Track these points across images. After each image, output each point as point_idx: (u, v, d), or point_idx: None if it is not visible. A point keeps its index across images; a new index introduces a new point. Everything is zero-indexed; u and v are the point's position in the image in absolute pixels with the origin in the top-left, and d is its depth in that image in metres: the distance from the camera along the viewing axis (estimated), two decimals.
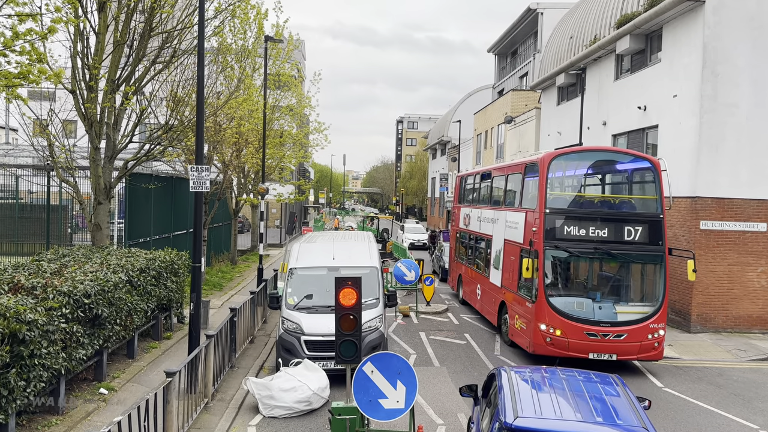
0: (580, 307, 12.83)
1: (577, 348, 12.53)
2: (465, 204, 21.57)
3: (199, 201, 10.91)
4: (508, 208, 15.76)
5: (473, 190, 20.81)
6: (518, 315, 14.01)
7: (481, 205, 19.07)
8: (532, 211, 13.52)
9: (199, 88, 10.92)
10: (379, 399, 7.12)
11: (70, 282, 9.26)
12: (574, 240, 12.81)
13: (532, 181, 14.10)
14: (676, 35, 18.49)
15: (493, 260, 16.52)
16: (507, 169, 17.04)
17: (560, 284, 13.41)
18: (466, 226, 20.53)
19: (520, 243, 14.00)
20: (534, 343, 12.97)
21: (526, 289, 13.55)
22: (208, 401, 9.98)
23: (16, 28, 6.74)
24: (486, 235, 17.61)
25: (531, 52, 39.33)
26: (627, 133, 21.22)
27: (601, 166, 15.09)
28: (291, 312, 12.08)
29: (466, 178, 22.40)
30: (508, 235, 15.18)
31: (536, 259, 12.65)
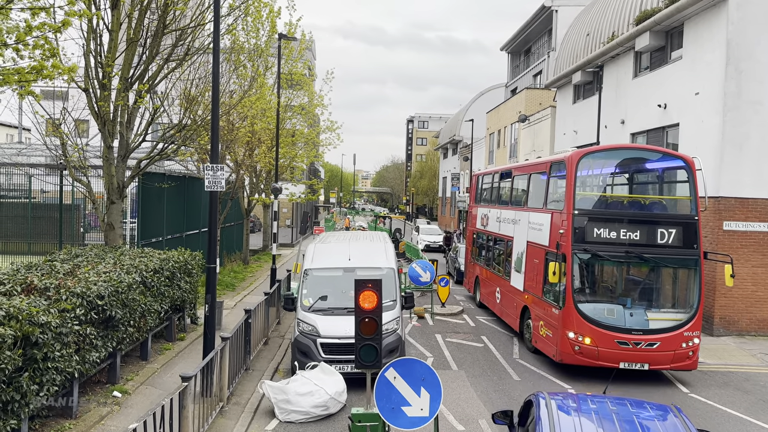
0: (611, 314, 12.19)
1: (608, 357, 11.90)
2: (482, 204, 20.92)
3: (214, 200, 10.71)
4: (531, 209, 15.14)
5: (491, 190, 20.12)
6: (543, 321, 13.40)
7: (501, 205, 18.43)
8: (558, 213, 12.91)
9: (215, 86, 10.72)
10: (402, 406, 6.85)
11: (83, 283, 9.08)
12: (605, 243, 12.14)
13: (559, 181, 13.54)
14: (698, 31, 18.08)
15: (514, 263, 15.93)
16: (530, 168, 16.42)
17: (589, 289, 12.76)
18: (484, 227, 19.90)
19: (545, 245, 13.43)
20: (561, 352, 12.34)
21: (552, 294, 12.96)
22: (223, 405, 9.76)
23: (29, 21, 6.56)
24: (506, 236, 17.01)
25: (545, 50, 38.90)
26: (646, 131, 20.82)
27: (631, 164, 14.46)
28: (306, 314, 11.85)
29: (483, 178, 21.70)
30: (532, 236, 14.61)
31: (564, 262, 12.06)
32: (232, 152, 22.67)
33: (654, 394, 11.53)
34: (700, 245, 12.32)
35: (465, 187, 52.58)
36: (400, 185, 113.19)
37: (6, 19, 7.32)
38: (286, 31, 24.31)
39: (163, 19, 13.80)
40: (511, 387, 11.73)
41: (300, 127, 30.24)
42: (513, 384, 11.92)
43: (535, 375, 12.60)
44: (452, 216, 61.82)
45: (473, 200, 22.37)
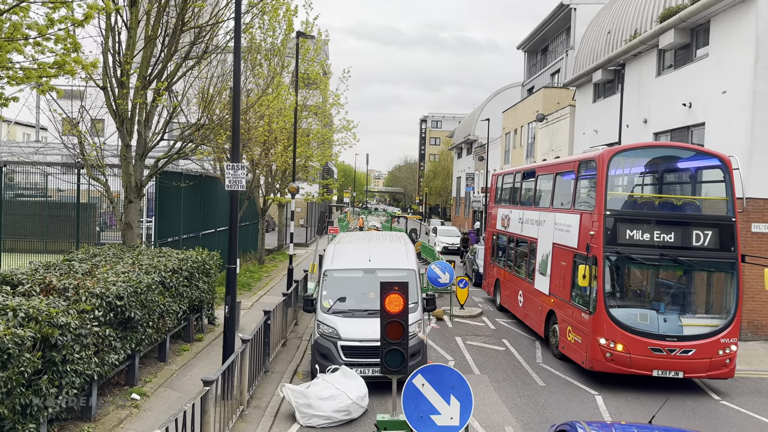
0: (644, 320, 11.71)
1: (640, 364, 11.47)
2: (502, 204, 20.39)
3: (235, 200, 10.51)
4: (557, 210, 14.63)
5: (512, 190, 19.55)
6: (571, 326, 12.93)
7: (523, 205, 17.90)
8: (588, 213, 12.45)
9: (236, 84, 10.54)
10: (431, 415, 6.59)
11: (102, 283, 8.92)
12: (638, 245, 11.66)
13: (588, 181, 13.14)
14: (725, 28, 17.63)
15: (538, 265, 15.47)
16: (556, 167, 15.85)
17: (621, 294, 12.29)
18: (505, 228, 19.39)
19: (574, 248, 13.01)
20: (591, 359, 11.86)
21: (581, 298, 12.51)
22: (243, 409, 9.57)
23: (50, 15, 6.40)
24: (529, 237, 16.55)
25: (563, 49, 38.44)
26: (670, 131, 20.38)
27: (665, 163, 13.93)
28: (326, 316, 11.63)
29: (503, 178, 21.14)
30: (558, 238, 14.15)
31: (595, 265, 11.65)
32: (248, 152, 22.53)
33: (686, 403, 11.19)
34: (737, 248, 11.85)
35: (480, 187, 52.19)
36: (412, 185, 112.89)
37: (26, 16, 7.17)
38: (302, 30, 24.14)
39: (182, 16, 13.64)
40: (536, 393, 11.43)
41: (315, 126, 30.09)
42: (538, 390, 11.62)
43: (561, 381, 12.28)
44: (466, 216, 61.44)
45: (492, 201, 21.88)
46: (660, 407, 9.10)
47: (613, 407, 10.79)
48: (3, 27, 6.51)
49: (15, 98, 8.01)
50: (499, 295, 19.74)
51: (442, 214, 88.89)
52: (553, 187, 15.29)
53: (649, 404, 10.99)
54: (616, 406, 10.84)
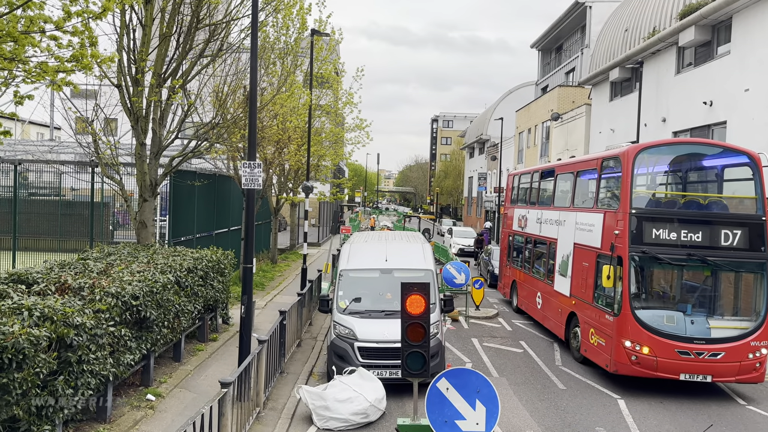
0: (671, 322, 11.33)
1: (667, 368, 11.09)
2: (519, 205, 19.95)
3: (251, 199, 10.36)
4: (578, 209, 14.23)
5: (530, 190, 19.08)
6: (594, 329, 12.52)
7: (542, 205, 17.43)
8: (612, 213, 12.06)
9: (252, 81, 10.38)
10: (456, 420, 6.39)
11: (117, 283, 8.80)
12: (664, 245, 11.27)
13: (612, 179, 12.80)
14: (747, 25, 17.30)
15: (558, 266, 15.05)
16: (577, 165, 15.36)
17: (647, 295, 11.87)
18: (522, 229, 18.96)
19: (597, 248, 12.61)
20: (616, 362, 11.48)
21: (605, 299, 12.12)
22: (259, 411, 9.41)
23: (68, 7, 6.27)
24: (548, 238, 16.13)
25: (578, 47, 38.06)
26: (690, 129, 20.05)
27: (691, 160, 13.52)
28: (343, 316, 11.46)
29: (520, 177, 20.68)
30: (579, 238, 13.75)
31: (620, 266, 11.31)
32: (261, 151, 22.42)
33: (710, 407, 10.91)
34: (767, 248, 11.42)
35: (492, 187, 51.87)
36: (423, 185, 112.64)
37: (42, 9, 7.06)
38: (316, 28, 23.98)
39: (197, 13, 13.53)
40: (556, 396, 11.19)
41: (328, 126, 29.94)
42: (558, 393, 11.38)
43: (582, 384, 12.02)
44: (478, 216, 61.11)
45: (508, 201, 21.39)
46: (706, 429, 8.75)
47: (636, 411, 10.53)
48: (19, 20, 6.39)
49: (30, 96, 7.91)
50: (516, 297, 19.38)
51: (453, 214, 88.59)
52: (573, 186, 14.89)
53: (673, 409, 10.73)
54: (640, 411, 10.58)
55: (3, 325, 6.34)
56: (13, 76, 7.41)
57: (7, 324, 6.40)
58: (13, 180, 16.34)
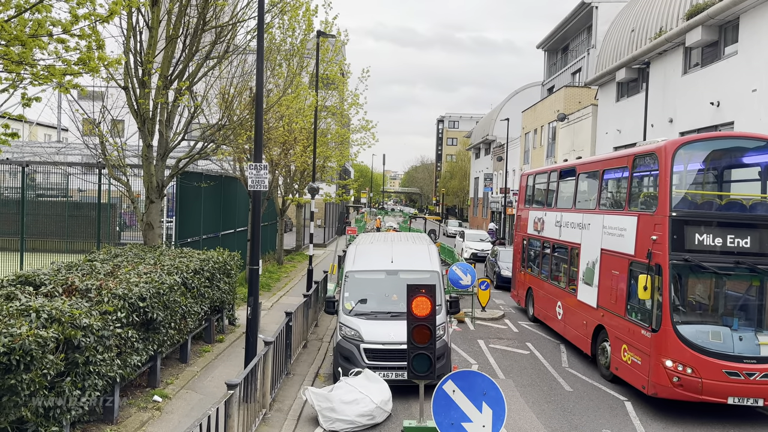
0: (717, 338, 10.14)
1: (714, 391, 9.89)
2: (535, 206, 18.68)
3: (257, 200, 10.38)
4: (606, 211, 13.05)
5: (547, 190, 17.67)
6: (627, 345, 11.35)
7: (561, 207, 16.10)
8: (648, 215, 10.89)
9: (258, 83, 10.40)
10: (463, 422, 6.38)
11: (125, 284, 8.83)
12: (708, 252, 10.15)
13: (647, 178, 11.74)
14: (755, 25, 17.20)
15: (582, 274, 13.88)
16: (603, 163, 13.97)
17: (690, 308, 10.63)
18: (538, 232, 17.64)
19: (629, 255, 11.47)
20: (655, 383, 10.31)
21: (640, 312, 10.98)
22: (266, 412, 9.42)
23: (75, 11, 6.30)
24: (570, 243, 14.89)
25: (584, 48, 37.95)
26: (697, 130, 19.95)
27: (738, 156, 12.16)
28: (349, 318, 11.47)
29: (535, 177, 19.36)
30: (608, 244, 12.57)
31: (658, 276, 10.19)
32: (267, 152, 22.45)
33: (720, 411, 10.80)
34: None
35: (498, 187, 51.78)
36: (429, 186, 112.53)
37: (49, 12, 7.10)
38: (322, 29, 24.02)
39: (203, 15, 13.57)
40: (563, 398, 11.14)
41: (334, 127, 30.00)
42: (565, 395, 11.34)
43: (588, 386, 11.98)
44: (484, 217, 61.02)
45: (522, 202, 20.14)
46: None
47: (643, 413, 10.48)
48: (27, 24, 6.42)
49: (38, 98, 7.95)
50: (533, 306, 18.14)
51: (459, 214, 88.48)
52: (600, 186, 13.69)
53: (680, 410, 10.66)
54: (646, 412, 10.53)
55: (11, 327, 6.37)
56: (21, 78, 7.45)
57: (15, 326, 6.43)
58: (21, 181, 16.42)
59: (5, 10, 6.63)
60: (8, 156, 20.39)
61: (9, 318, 6.66)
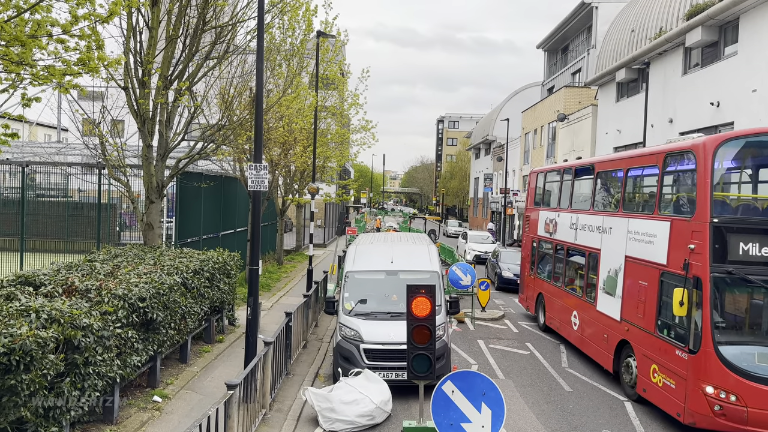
0: (765, 361, 8.95)
1: (762, 421, 8.72)
2: (546, 207, 17.49)
3: (257, 201, 10.39)
4: (631, 215, 11.83)
5: (561, 190, 16.34)
6: (659, 366, 10.13)
7: (577, 208, 14.90)
8: (684, 221, 9.71)
9: (258, 83, 10.41)
10: (462, 423, 6.38)
11: (124, 285, 8.83)
12: (756, 263, 9.01)
13: (682, 177, 10.61)
14: (755, 25, 17.20)
15: (602, 283, 12.76)
16: (627, 161, 12.71)
17: (734, 327, 9.49)
18: (550, 235, 16.49)
19: (660, 264, 10.29)
20: (692, 412, 9.18)
21: (674, 330, 9.83)
22: (266, 412, 9.42)
23: (75, 11, 6.31)
24: (587, 247, 13.75)
25: (584, 48, 37.97)
26: (697, 130, 19.92)
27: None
28: (348, 318, 11.47)
29: (546, 176, 18.11)
30: (634, 251, 11.38)
31: (697, 290, 9.06)
32: (267, 152, 22.46)
33: None
34: None
35: (498, 188, 51.80)
36: (429, 186, 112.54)
37: (49, 13, 7.10)
38: (322, 30, 24.02)
39: (203, 16, 13.57)
40: (563, 398, 11.15)
41: (334, 127, 30.02)
42: (565, 395, 11.34)
43: (588, 386, 11.98)
44: (484, 217, 61.02)
45: (531, 202, 18.91)
46: None
47: (642, 414, 10.48)
48: (26, 24, 6.43)
49: (37, 98, 7.95)
50: (544, 314, 16.91)
51: (459, 215, 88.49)
52: (623, 187, 12.50)
53: None
54: (646, 413, 10.53)
55: (11, 327, 6.37)
56: (21, 78, 7.45)
57: (15, 326, 6.44)
58: (21, 181, 16.43)
59: (5, 10, 6.64)
60: (8, 156, 20.39)
61: (9, 318, 6.66)
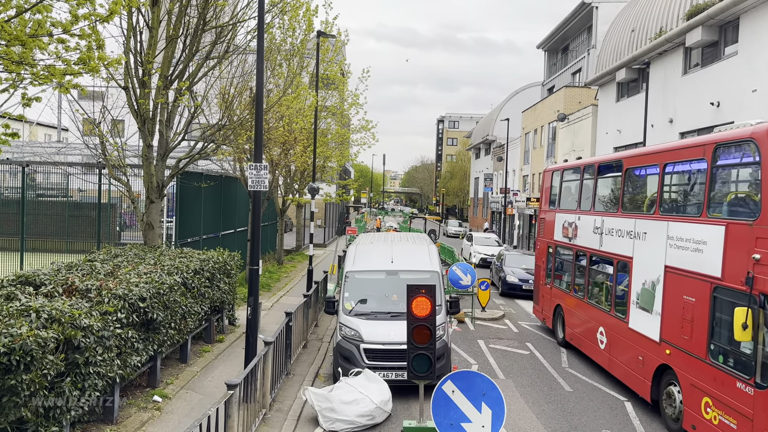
0: None
1: None
2: (564, 209, 15.65)
3: (257, 200, 10.39)
4: (672, 217, 10.15)
5: (581, 189, 14.59)
6: (712, 399, 8.51)
7: (601, 210, 13.24)
8: (744, 225, 8.11)
9: (258, 83, 10.41)
10: (462, 423, 6.38)
11: (125, 284, 8.83)
12: None
13: (738, 172, 9.15)
14: (755, 25, 17.20)
15: (636, 296, 11.10)
16: (664, 154, 10.80)
17: None
18: (569, 240, 14.77)
19: (713, 277, 8.66)
20: None
21: (734, 358, 8.20)
22: (266, 412, 9.42)
23: (75, 10, 6.31)
24: (616, 255, 12.07)
25: (584, 48, 37.97)
26: (697, 130, 19.96)
27: None
28: (349, 318, 11.47)
29: (563, 174, 16.19)
30: (677, 260, 9.74)
31: (765, 310, 7.60)
32: (267, 152, 22.47)
33: None
34: None
35: (498, 187, 51.80)
36: (429, 186, 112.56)
37: (48, 14, 7.11)
38: (322, 30, 24.02)
39: (203, 15, 13.58)
40: (563, 398, 11.15)
41: (334, 127, 30.04)
42: (565, 395, 11.34)
43: (588, 386, 11.98)
44: (484, 217, 61.02)
45: (546, 203, 17.10)
46: None
47: (642, 413, 10.48)
48: (27, 24, 6.43)
49: (38, 98, 7.96)
50: (563, 328, 15.13)
51: (459, 214, 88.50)
52: (660, 185, 10.79)
53: None
54: (646, 412, 10.53)
55: (11, 327, 6.37)
56: (21, 78, 7.46)
57: (15, 326, 6.44)
58: (21, 181, 16.43)
59: (5, 10, 6.64)
60: (8, 156, 20.39)
61: (9, 318, 6.66)
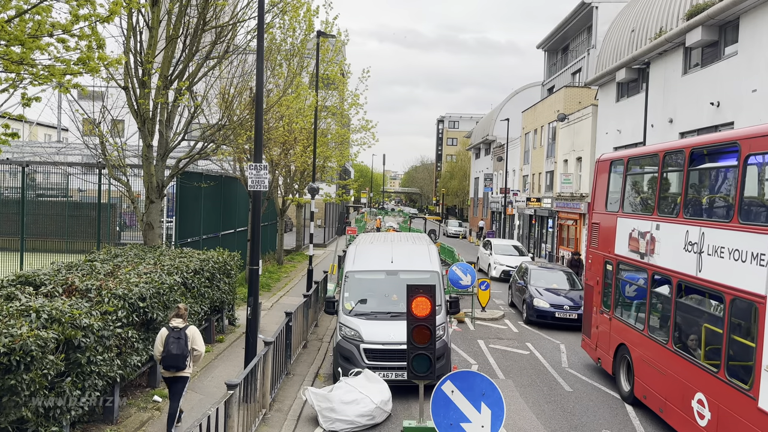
0: None
1: None
2: (630, 212, 11.52)
3: (257, 200, 10.39)
4: None
5: (660, 186, 10.44)
6: None
7: (700, 218, 8.98)
8: None
9: (258, 83, 10.41)
10: (461, 423, 6.38)
11: (125, 284, 8.84)
12: None
13: None
14: (756, 25, 17.19)
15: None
16: None
17: None
18: (641, 257, 10.58)
19: None
20: None
21: None
22: (266, 412, 9.43)
23: (75, 11, 6.31)
24: (731, 290, 7.77)
25: (584, 48, 37.95)
26: (697, 130, 19.94)
27: None
28: (349, 318, 11.48)
29: (628, 164, 11.88)
30: None
31: None
32: (267, 152, 22.47)
33: None
34: None
35: (498, 187, 51.77)
36: (429, 186, 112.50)
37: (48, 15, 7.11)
38: (322, 30, 24.02)
39: (203, 15, 13.58)
40: (563, 398, 11.15)
41: (334, 127, 30.04)
42: (565, 395, 11.34)
43: (588, 386, 11.98)
44: (484, 217, 60.99)
45: (602, 203, 12.82)
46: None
47: (642, 413, 10.48)
48: (27, 24, 6.43)
49: (38, 98, 7.96)
50: (630, 379, 10.95)
51: (459, 214, 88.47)
52: None
53: None
54: (647, 413, 10.52)
55: (11, 327, 6.38)
56: (21, 78, 7.46)
57: (15, 326, 6.45)
58: (21, 181, 16.43)
59: (5, 10, 6.64)
60: (8, 156, 20.38)
61: (9, 318, 6.67)
